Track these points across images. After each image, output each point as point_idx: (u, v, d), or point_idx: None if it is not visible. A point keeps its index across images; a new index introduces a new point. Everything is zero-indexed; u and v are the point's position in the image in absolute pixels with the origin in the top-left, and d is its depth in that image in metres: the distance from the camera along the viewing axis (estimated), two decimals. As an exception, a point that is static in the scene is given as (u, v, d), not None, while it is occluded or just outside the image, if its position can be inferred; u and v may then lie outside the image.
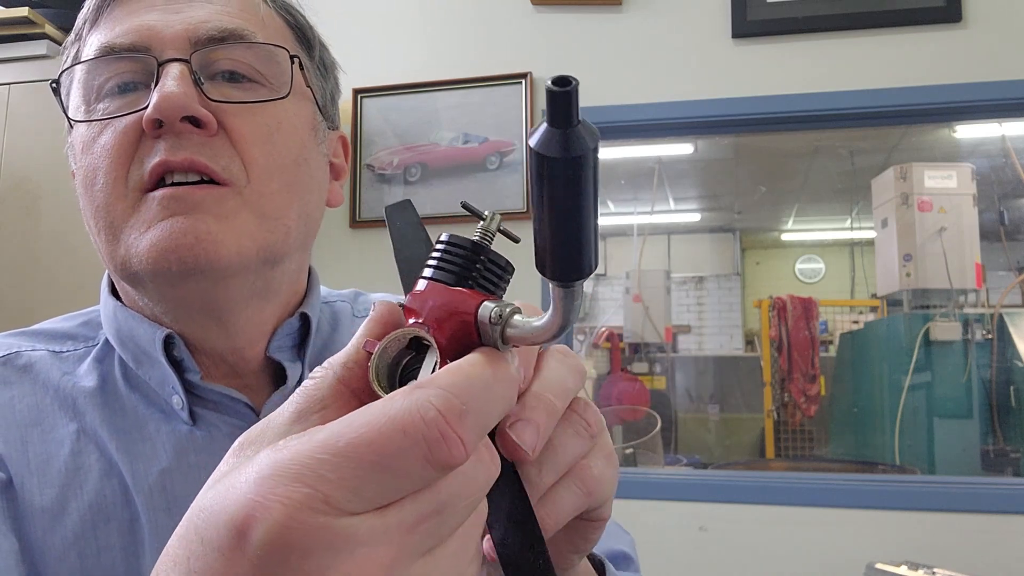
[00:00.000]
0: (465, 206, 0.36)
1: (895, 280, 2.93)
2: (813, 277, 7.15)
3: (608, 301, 6.63)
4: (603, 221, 6.43)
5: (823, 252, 7.12)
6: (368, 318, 0.34)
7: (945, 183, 2.89)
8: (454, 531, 0.28)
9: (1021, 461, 2.89)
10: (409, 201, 0.41)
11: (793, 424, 4.32)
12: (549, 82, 0.25)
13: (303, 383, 0.32)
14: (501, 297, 0.34)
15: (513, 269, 0.35)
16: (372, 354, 0.32)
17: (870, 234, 4.47)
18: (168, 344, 0.60)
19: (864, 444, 3.32)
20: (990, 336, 2.92)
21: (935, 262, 2.84)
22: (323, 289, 0.74)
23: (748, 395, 4.98)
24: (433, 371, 0.32)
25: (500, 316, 0.32)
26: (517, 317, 0.32)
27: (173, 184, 0.55)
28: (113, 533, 0.55)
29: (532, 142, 0.26)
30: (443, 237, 0.34)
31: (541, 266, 0.29)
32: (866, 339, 3.63)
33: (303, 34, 0.65)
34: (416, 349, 0.33)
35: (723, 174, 5.50)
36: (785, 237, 7.28)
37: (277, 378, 0.64)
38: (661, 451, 3.61)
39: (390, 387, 0.33)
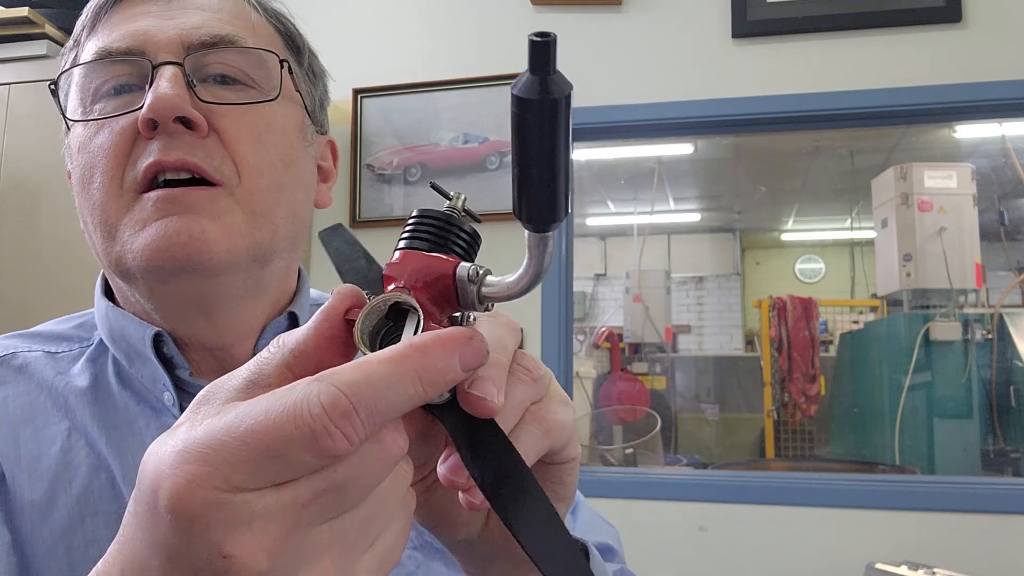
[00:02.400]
0: (433, 186, 0.39)
1: (895, 280, 2.93)
2: (813, 277, 7.15)
3: (608, 301, 6.64)
4: (603, 221, 6.46)
5: (823, 252, 7.12)
6: (329, 301, 0.35)
7: (945, 183, 2.90)
8: (361, 500, 0.31)
9: (1021, 461, 2.89)
10: (341, 224, 0.44)
11: (793, 424, 4.33)
12: (532, 35, 0.28)
13: (260, 353, 0.34)
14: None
15: (480, 239, 0.37)
16: (355, 320, 0.34)
17: (870, 234, 4.47)
18: (158, 342, 0.61)
19: (864, 444, 3.32)
20: (990, 336, 2.93)
21: (935, 262, 2.84)
22: (314, 291, 0.75)
23: (748, 395, 4.98)
24: (415, 333, 0.33)
25: (477, 274, 0.35)
26: (490, 277, 0.35)
27: (166, 183, 0.57)
28: (100, 526, 0.57)
29: (515, 89, 0.29)
30: (414, 212, 0.37)
31: (518, 212, 0.32)
32: (866, 339, 3.64)
33: (293, 41, 0.67)
34: (394, 319, 0.35)
35: (723, 174, 5.50)
36: (785, 237, 7.29)
37: None
38: (661, 451, 3.61)
39: (372, 351, 0.33)
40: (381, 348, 0.33)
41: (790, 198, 6.04)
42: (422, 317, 0.34)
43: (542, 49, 0.28)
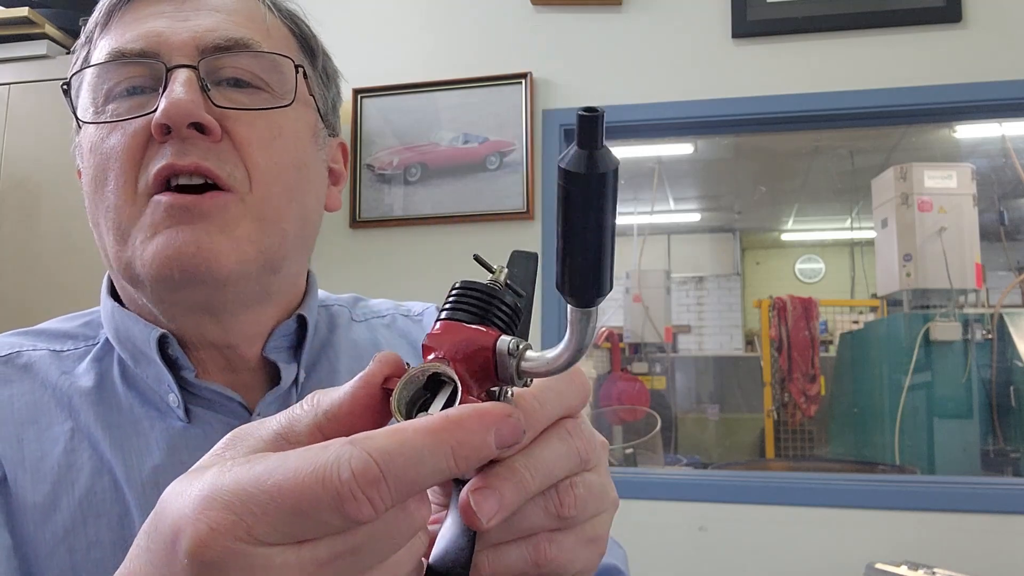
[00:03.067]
0: (477, 259, 0.39)
1: (895, 280, 2.93)
2: (813, 277, 7.15)
3: (608, 301, 6.62)
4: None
5: (823, 252, 7.12)
6: (369, 367, 0.35)
7: (945, 183, 2.90)
8: (376, 565, 0.30)
9: (1021, 461, 2.89)
10: (536, 255, 0.44)
11: (793, 424, 4.33)
12: (580, 110, 0.28)
13: (292, 408, 0.34)
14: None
15: (522, 313, 0.37)
16: (393, 390, 0.34)
17: (870, 234, 4.47)
18: (163, 343, 0.61)
19: (864, 444, 3.32)
20: (990, 336, 2.93)
21: (935, 262, 2.84)
22: (321, 293, 0.75)
23: (748, 395, 4.98)
24: (446, 406, 0.33)
25: (517, 348, 0.34)
26: (530, 352, 0.35)
27: (179, 187, 0.57)
28: (103, 528, 0.56)
29: (562, 163, 0.29)
30: (457, 283, 0.37)
31: (561, 287, 0.32)
32: (866, 339, 3.64)
33: (307, 44, 0.67)
34: (432, 390, 0.35)
35: (723, 174, 5.50)
36: (785, 237, 7.29)
37: (272, 377, 0.65)
38: (661, 451, 3.61)
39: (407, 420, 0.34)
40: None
41: (790, 198, 6.04)
42: (460, 389, 0.34)
43: (590, 124, 0.28)
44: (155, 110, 0.56)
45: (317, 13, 0.70)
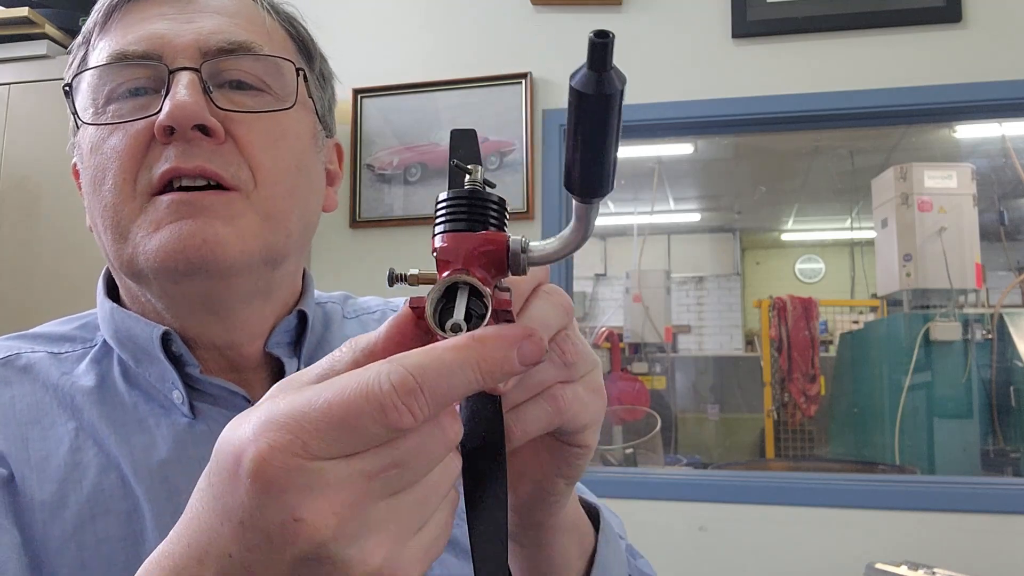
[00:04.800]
0: (457, 166, 0.40)
1: (895, 280, 2.93)
2: (813, 277, 7.15)
3: (608, 301, 6.64)
4: (603, 221, 6.47)
5: (823, 252, 7.12)
6: (400, 310, 0.38)
7: (945, 183, 2.90)
8: (417, 481, 0.34)
9: (1021, 461, 2.89)
10: (474, 131, 0.46)
11: (793, 424, 4.32)
12: (592, 34, 0.30)
13: (331, 353, 0.37)
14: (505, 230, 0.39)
15: (506, 202, 0.39)
16: (422, 308, 0.36)
17: (870, 234, 4.47)
18: (166, 341, 0.61)
19: (864, 444, 3.32)
20: (990, 336, 2.93)
21: (935, 262, 2.84)
22: (318, 292, 0.76)
23: (748, 395, 4.98)
24: (466, 306, 0.36)
25: (527, 244, 0.37)
26: (534, 243, 0.38)
27: (182, 188, 0.57)
28: (112, 525, 0.56)
29: (573, 82, 0.30)
30: (441, 196, 0.39)
31: (569, 186, 0.34)
32: (866, 339, 3.64)
33: (305, 47, 0.68)
34: (449, 298, 0.37)
35: (723, 174, 5.50)
36: (785, 237, 7.29)
37: (274, 373, 0.65)
38: (661, 451, 3.61)
39: (440, 326, 0.36)
40: (441, 322, 0.36)
41: (790, 198, 6.04)
42: (488, 294, 0.36)
43: (600, 49, 0.30)
44: (158, 112, 0.56)
45: (317, 13, 0.70)
